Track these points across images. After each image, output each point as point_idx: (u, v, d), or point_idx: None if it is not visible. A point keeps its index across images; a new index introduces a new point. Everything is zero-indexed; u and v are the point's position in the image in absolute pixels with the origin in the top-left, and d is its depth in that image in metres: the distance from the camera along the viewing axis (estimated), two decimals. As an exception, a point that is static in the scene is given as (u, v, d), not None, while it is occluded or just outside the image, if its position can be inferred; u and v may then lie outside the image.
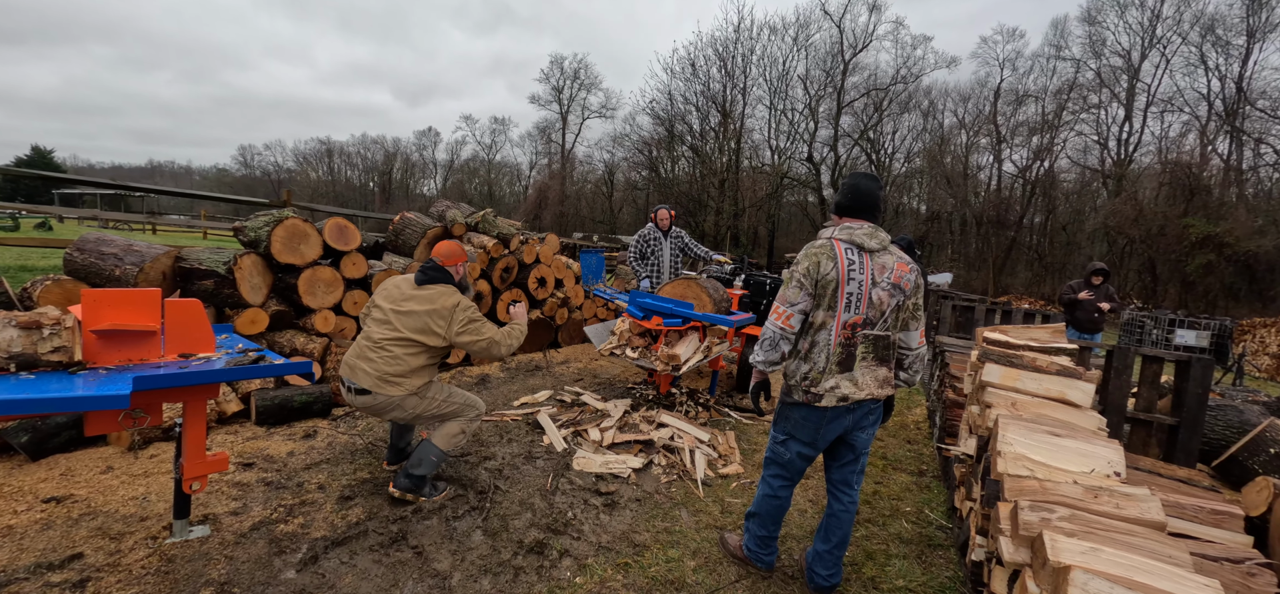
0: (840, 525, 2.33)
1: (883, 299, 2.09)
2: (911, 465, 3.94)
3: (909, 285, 2.13)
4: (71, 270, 4.02)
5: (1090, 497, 1.79)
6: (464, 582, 2.30)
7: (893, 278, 2.10)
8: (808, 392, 2.15)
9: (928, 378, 6.41)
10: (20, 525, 2.44)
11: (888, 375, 2.17)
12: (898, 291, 2.11)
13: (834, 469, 2.36)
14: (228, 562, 2.30)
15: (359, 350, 2.81)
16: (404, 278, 2.96)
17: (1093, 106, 26.10)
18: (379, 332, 2.79)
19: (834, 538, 2.33)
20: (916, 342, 2.21)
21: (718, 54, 30.37)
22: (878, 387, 2.15)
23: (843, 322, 2.08)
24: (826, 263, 2.08)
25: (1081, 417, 2.33)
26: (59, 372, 1.90)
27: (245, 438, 3.53)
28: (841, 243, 2.12)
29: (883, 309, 2.10)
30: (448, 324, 2.82)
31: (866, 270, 2.08)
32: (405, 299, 2.83)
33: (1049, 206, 26.93)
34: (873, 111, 30.08)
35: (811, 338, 2.14)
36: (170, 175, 63.13)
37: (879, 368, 2.15)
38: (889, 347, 2.15)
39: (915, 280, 2.15)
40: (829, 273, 2.07)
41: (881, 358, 2.15)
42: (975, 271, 27.22)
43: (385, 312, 2.82)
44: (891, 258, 2.13)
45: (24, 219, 18.94)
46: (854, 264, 2.07)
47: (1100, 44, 25.70)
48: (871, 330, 2.10)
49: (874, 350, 2.12)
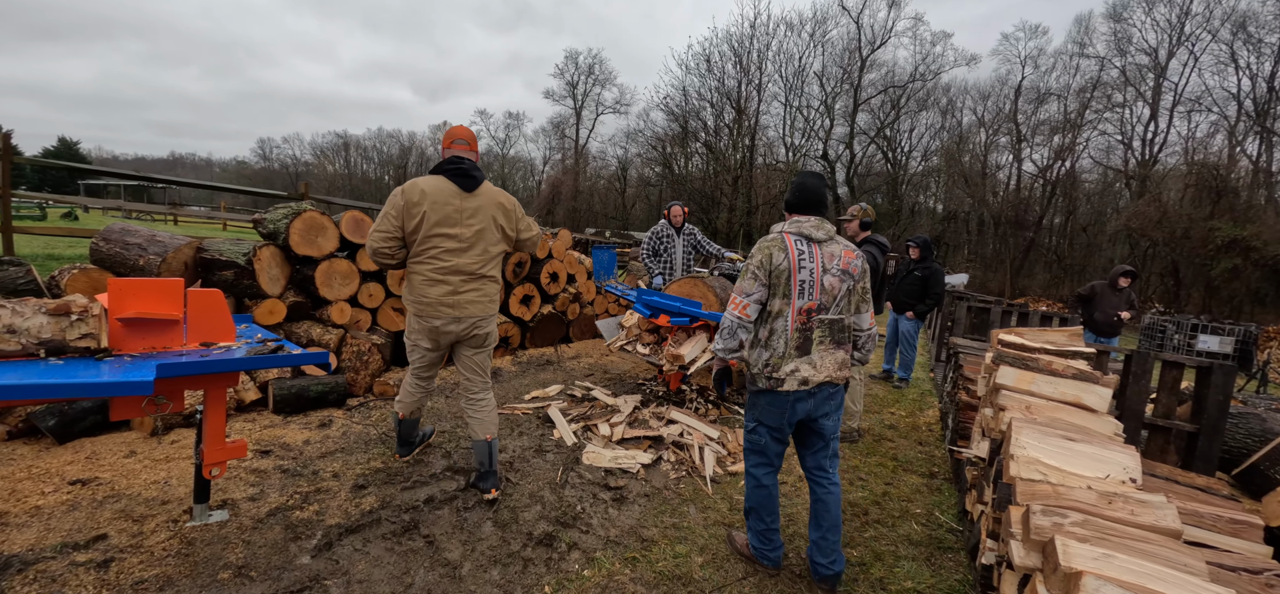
0: (828, 510, 2.38)
1: (834, 285, 2.26)
2: (923, 467, 3.91)
3: (857, 270, 2.31)
4: (97, 259, 4.13)
5: (1104, 502, 1.77)
6: (474, 571, 2.33)
7: (841, 264, 2.28)
8: (770, 377, 2.26)
9: (941, 380, 6.35)
10: (47, 506, 2.52)
11: (845, 358, 2.33)
12: (847, 277, 2.28)
13: (808, 457, 2.45)
14: (245, 546, 2.35)
15: (453, 286, 2.67)
16: (440, 189, 2.64)
17: (1117, 105, 25.57)
18: (467, 259, 2.67)
19: (825, 523, 2.38)
20: (867, 323, 2.38)
21: (733, 50, 30.23)
22: (836, 369, 2.29)
23: (798, 308, 2.23)
24: (778, 254, 2.24)
25: (1097, 421, 2.30)
26: (86, 358, 1.96)
27: (263, 426, 3.61)
28: (791, 235, 2.28)
29: (835, 294, 2.27)
30: (514, 220, 2.80)
31: (816, 259, 2.24)
32: (469, 216, 2.68)
33: (1069, 207, 26.46)
34: (890, 109, 29.75)
35: (770, 325, 2.27)
36: (191, 167, 64.33)
37: (836, 351, 2.30)
38: (844, 330, 2.31)
39: (862, 266, 2.33)
40: (780, 263, 2.23)
41: (837, 341, 2.30)
42: (992, 272, 26.84)
43: (459, 237, 2.64)
44: (838, 246, 2.31)
45: (51, 209, 19.40)
46: (804, 254, 2.24)
47: (1126, 41, 25.16)
48: (825, 315, 2.26)
49: (830, 334, 2.28)
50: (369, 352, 4.42)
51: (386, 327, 4.91)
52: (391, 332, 4.93)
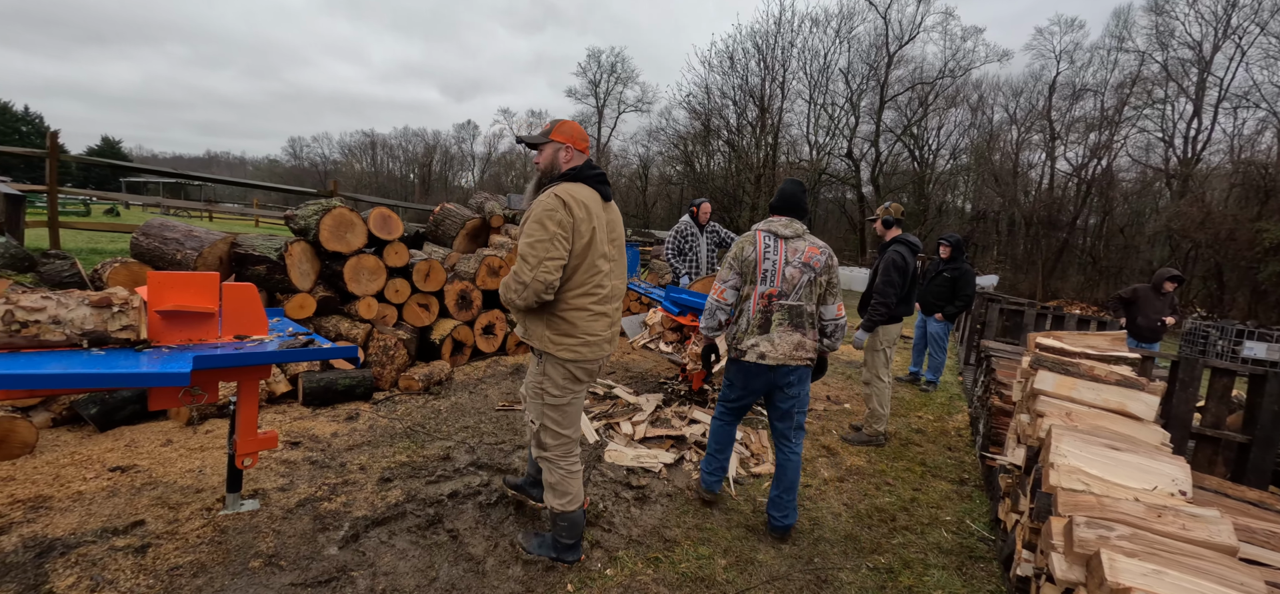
0: (785, 473, 2.73)
1: (794, 275, 2.60)
2: (952, 473, 3.80)
3: (819, 264, 2.62)
4: (137, 253, 4.26)
5: (1153, 515, 1.68)
6: (497, 567, 2.34)
7: (803, 258, 2.61)
8: (736, 348, 2.68)
9: (970, 383, 6.18)
10: (89, 491, 2.60)
11: (801, 340, 2.61)
12: (808, 269, 2.60)
13: (776, 423, 2.78)
14: (276, 536, 2.40)
15: (612, 318, 2.33)
16: (594, 201, 2.24)
17: (1158, 101, 24.60)
18: (620, 283, 2.38)
19: (782, 484, 2.73)
20: (834, 313, 2.67)
21: (757, 47, 29.87)
22: (792, 350, 2.60)
23: (760, 293, 2.61)
24: (748, 248, 2.65)
25: (1143, 430, 2.20)
26: (126, 349, 2.02)
27: (293, 417, 3.68)
28: (762, 232, 2.67)
29: (795, 283, 2.60)
30: None
31: (780, 252, 2.61)
32: (613, 230, 2.36)
33: (1106, 207, 25.56)
34: (917, 106, 29.10)
35: (741, 307, 2.68)
36: (226, 165, 66.32)
37: (793, 333, 2.61)
38: (802, 315, 2.61)
39: (825, 261, 2.63)
40: (749, 255, 2.64)
41: (795, 324, 2.61)
42: (1023, 274, 26.09)
43: (611, 256, 2.32)
44: (804, 243, 2.64)
45: (94, 205, 20.18)
46: (769, 247, 2.62)
47: (1168, 35, 24.18)
48: (785, 301, 2.60)
49: (789, 318, 2.60)
50: (395, 346, 4.48)
51: (411, 322, 4.98)
52: (416, 327, 5.00)
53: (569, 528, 2.33)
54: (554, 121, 2.31)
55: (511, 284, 2.16)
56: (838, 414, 4.86)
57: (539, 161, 2.31)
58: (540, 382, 2.29)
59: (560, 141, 2.27)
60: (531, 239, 2.10)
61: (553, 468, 2.31)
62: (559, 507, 2.31)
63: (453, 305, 5.25)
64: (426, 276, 5.02)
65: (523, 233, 2.14)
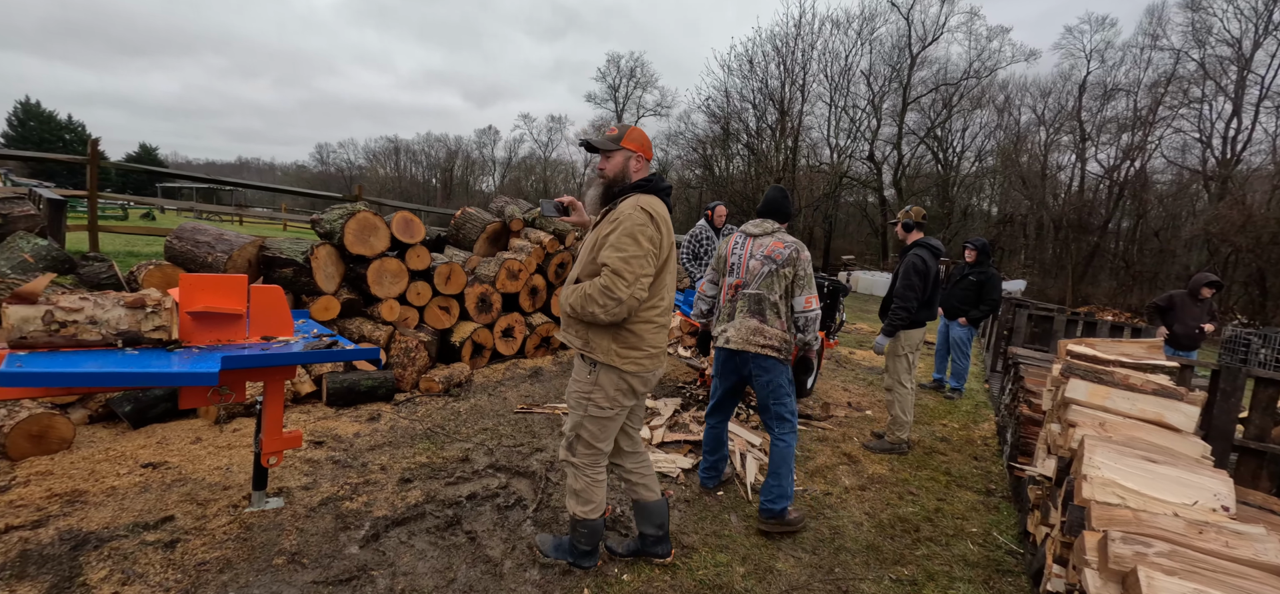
0: (772, 460, 2.85)
1: (756, 267, 2.85)
2: (978, 484, 3.71)
3: (780, 257, 2.80)
4: (171, 256, 4.39)
5: (1194, 532, 1.61)
6: (514, 570, 2.34)
7: (765, 251, 2.84)
8: (713, 334, 3.04)
9: (997, 391, 6.02)
10: (122, 487, 2.68)
11: (759, 326, 2.81)
12: (769, 261, 2.82)
13: (761, 416, 2.97)
14: (299, 533, 2.44)
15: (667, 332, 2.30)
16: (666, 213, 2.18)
17: (1194, 101, 23.79)
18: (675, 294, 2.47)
19: (770, 469, 2.86)
20: (802, 304, 2.81)
21: (777, 50, 29.67)
22: (749, 335, 2.81)
23: (727, 284, 2.97)
24: (724, 246, 3.06)
25: (1182, 442, 2.11)
26: (158, 349, 2.07)
27: (316, 417, 3.75)
28: (738, 233, 3.01)
29: (756, 274, 2.84)
30: None
31: (747, 248, 2.92)
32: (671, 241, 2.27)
33: (1139, 210, 24.78)
34: (941, 108, 28.61)
35: (720, 298, 3.05)
36: (256, 170, 68.10)
37: (750, 319, 2.83)
38: (763, 303, 2.81)
39: (788, 255, 2.80)
40: (722, 251, 3.06)
41: (754, 312, 2.83)
42: (1052, 279, 25.41)
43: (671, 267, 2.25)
44: (769, 240, 2.87)
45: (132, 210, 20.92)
46: (738, 244, 2.97)
47: (1205, 32, 23.38)
48: (747, 290, 2.86)
49: (748, 305, 2.85)
50: (416, 348, 4.53)
51: (432, 324, 5.04)
52: (437, 329, 5.05)
53: (588, 535, 2.30)
54: (624, 127, 2.20)
55: (599, 298, 1.98)
56: (859, 421, 4.78)
57: (605, 168, 2.18)
58: (589, 391, 2.19)
59: (631, 149, 2.18)
60: (626, 254, 1.98)
61: (579, 475, 2.27)
62: (581, 513, 2.26)
63: (473, 308, 5.30)
64: (447, 279, 5.08)
65: (610, 246, 2.00)
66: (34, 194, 5.68)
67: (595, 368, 2.16)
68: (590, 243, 2.15)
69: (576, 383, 2.25)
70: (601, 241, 2.06)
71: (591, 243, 2.14)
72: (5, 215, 3.60)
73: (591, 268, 2.10)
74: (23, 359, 1.78)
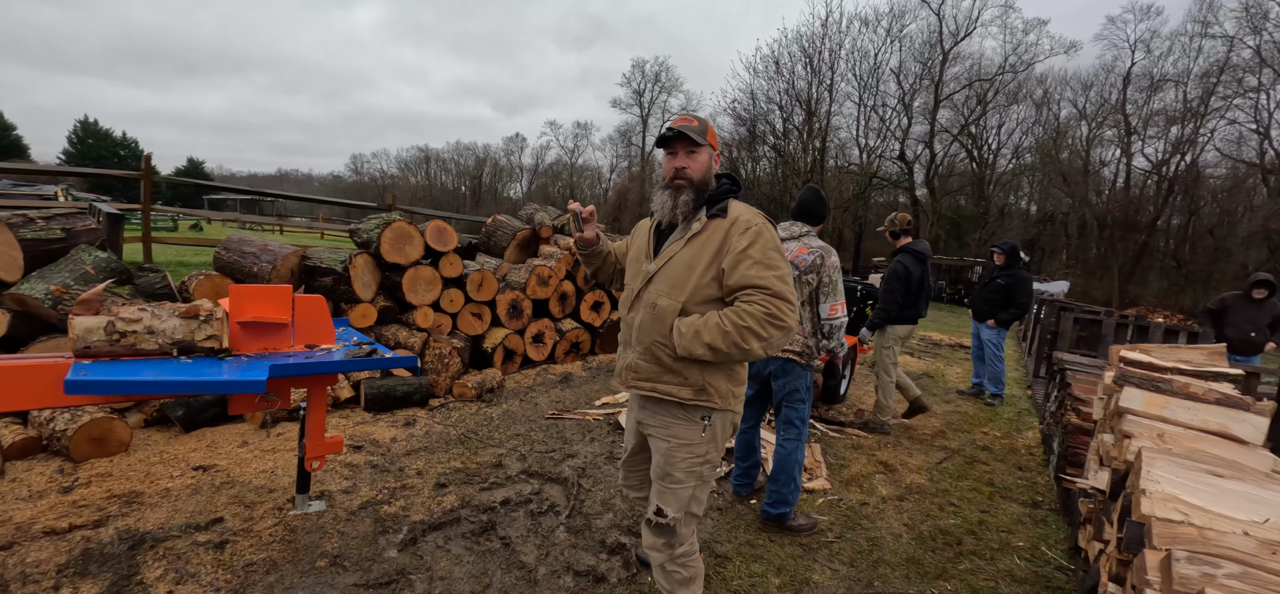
0: (775, 459, 2.86)
1: None
2: (1024, 495, 3.57)
3: (804, 263, 2.79)
4: (219, 266, 4.58)
5: (1266, 552, 1.51)
6: (548, 576, 2.35)
7: (789, 257, 2.74)
8: None
9: (1041, 398, 5.80)
10: (175, 489, 2.80)
11: None
12: (793, 267, 2.76)
13: (775, 412, 2.98)
14: (340, 537, 2.50)
15: None
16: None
17: (1250, 90, 22.56)
18: None
19: (772, 474, 2.85)
20: (827, 312, 2.79)
21: (803, 50, 29.29)
22: None
23: None
24: None
25: (1250, 455, 1.99)
26: (210, 357, 2.16)
27: (355, 422, 3.85)
28: None
29: None
30: None
31: None
32: None
33: (1191, 206, 23.61)
34: (975, 104, 27.79)
35: None
36: (294, 182, 70.73)
37: None
38: None
39: (812, 261, 2.79)
40: None
41: None
42: (1097, 280, 24.37)
43: None
44: (795, 244, 2.86)
45: (181, 221, 21.91)
46: None
47: (1261, 17, 22.16)
48: None
49: None
50: (449, 355, 4.62)
51: (465, 330, 5.12)
52: (469, 335, 5.14)
53: None
54: (703, 120, 1.82)
55: (762, 329, 1.59)
56: (896, 427, 4.66)
57: (690, 168, 1.77)
58: (706, 452, 1.79)
59: (713, 147, 1.82)
60: (781, 272, 1.66)
61: (689, 562, 1.84)
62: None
63: (504, 314, 5.37)
64: (479, 286, 5.16)
65: (758, 263, 1.64)
66: (94, 208, 6.00)
67: (709, 418, 1.76)
68: (688, 261, 1.72)
69: (683, 448, 1.75)
70: (737, 258, 1.65)
71: (693, 260, 1.71)
72: (68, 229, 3.81)
73: (708, 291, 1.69)
74: (87, 368, 1.88)
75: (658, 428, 1.81)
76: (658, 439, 1.82)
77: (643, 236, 1.92)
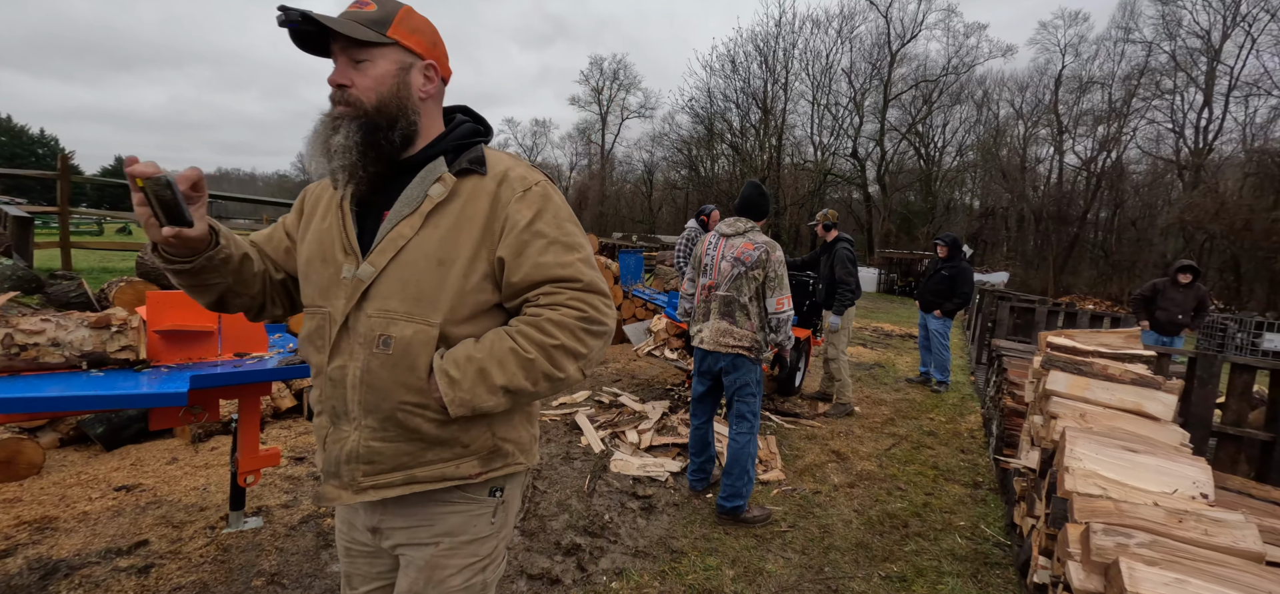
0: (728, 453, 2.89)
1: (727, 268, 2.88)
2: (966, 477, 3.73)
3: (750, 260, 2.82)
4: (143, 272, 4.29)
5: (1174, 521, 1.62)
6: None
7: (735, 253, 2.86)
8: (691, 334, 3.07)
9: (982, 384, 6.09)
10: (94, 512, 2.60)
11: (729, 327, 2.86)
12: (738, 263, 2.84)
13: (727, 407, 3.03)
14: (279, 553, 2.38)
15: None
16: None
17: (1167, 92, 24.35)
18: None
19: (727, 465, 2.89)
20: (774, 306, 2.83)
21: (758, 50, 29.89)
22: (718, 336, 2.88)
23: (701, 285, 3.02)
24: (700, 248, 3.10)
25: (1161, 430, 2.13)
26: (125, 369, 2.01)
27: (298, 433, 3.68)
28: (714, 233, 3.04)
29: (727, 275, 2.88)
30: None
31: (720, 249, 2.94)
32: None
33: (1116, 200, 25.28)
34: (922, 104, 28.97)
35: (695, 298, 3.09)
36: (237, 182, 67.21)
37: (720, 320, 2.89)
38: (732, 305, 2.86)
39: (758, 256, 2.81)
40: (699, 253, 3.09)
41: (724, 313, 2.88)
42: (1034, 270, 25.80)
43: None
44: (740, 240, 2.89)
45: (108, 224, 20.47)
46: (712, 245, 3.01)
47: (1176, 24, 23.95)
48: (718, 291, 2.90)
49: (720, 307, 2.89)
50: (399, 359, 4.47)
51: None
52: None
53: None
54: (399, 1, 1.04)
55: (577, 343, 1.01)
56: (846, 419, 4.80)
57: (356, 86, 0.98)
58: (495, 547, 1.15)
59: (418, 50, 1.05)
60: (587, 254, 1.12)
61: None
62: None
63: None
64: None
65: (558, 244, 1.03)
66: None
67: (502, 491, 1.13)
68: (435, 251, 0.99)
69: (462, 549, 1.09)
70: (522, 238, 1.00)
71: (445, 250, 0.99)
72: (-32, 235, 3.49)
73: (478, 297, 1.01)
74: (-20, 385, 1.72)
75: (413, 530, 1.08)
76: (413, 548, 1.08)
77: (330, 217, 1.07)
